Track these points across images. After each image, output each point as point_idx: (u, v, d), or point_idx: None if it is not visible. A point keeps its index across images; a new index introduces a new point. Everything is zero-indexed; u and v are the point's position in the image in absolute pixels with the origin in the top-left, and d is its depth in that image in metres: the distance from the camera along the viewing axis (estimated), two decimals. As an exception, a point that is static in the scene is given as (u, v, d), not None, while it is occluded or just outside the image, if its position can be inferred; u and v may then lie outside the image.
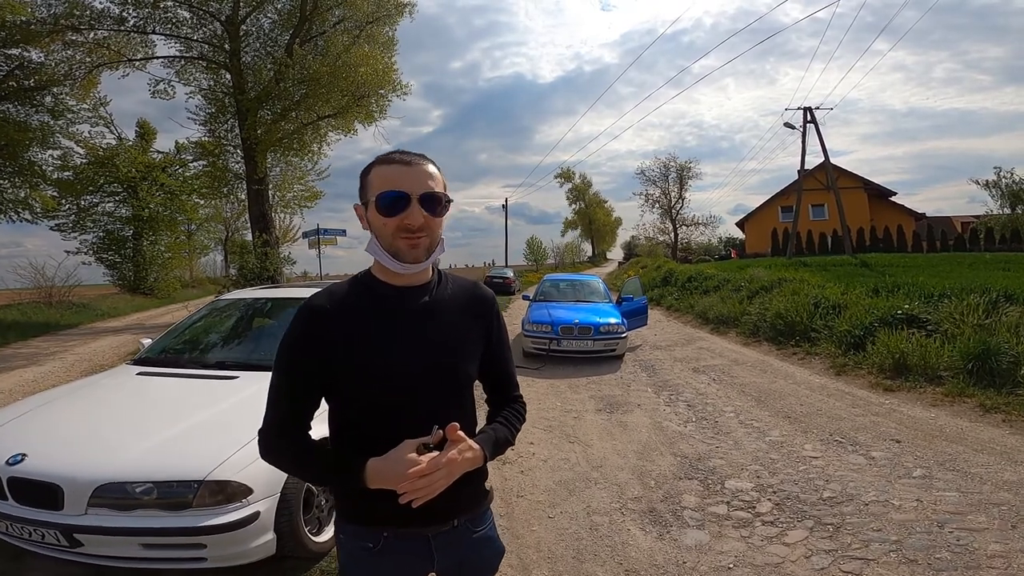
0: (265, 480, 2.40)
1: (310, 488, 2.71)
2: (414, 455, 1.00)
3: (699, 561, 2.74)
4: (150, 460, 2.34)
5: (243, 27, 15.05)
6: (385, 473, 1.00)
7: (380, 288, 1.13)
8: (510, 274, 26.43)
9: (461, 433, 1.05)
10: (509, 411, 1.27)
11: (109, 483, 2.24)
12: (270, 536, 2.42)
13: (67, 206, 18.23)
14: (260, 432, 1.12)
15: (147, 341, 4.13)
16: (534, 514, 3.30)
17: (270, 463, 1.14)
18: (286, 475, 2.48)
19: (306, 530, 2.64)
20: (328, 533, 2.84)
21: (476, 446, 1.09)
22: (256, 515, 2.34)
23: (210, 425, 2.61)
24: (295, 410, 1.11)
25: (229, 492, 2.29)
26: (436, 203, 1.07)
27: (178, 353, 3.78)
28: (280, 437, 1.11)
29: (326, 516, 2.88)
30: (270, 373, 1.13)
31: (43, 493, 2.27)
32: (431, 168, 1.10)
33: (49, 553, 2.37)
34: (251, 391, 2.91)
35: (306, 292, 4.55)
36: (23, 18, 12.73)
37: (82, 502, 2.23)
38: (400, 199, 1.05)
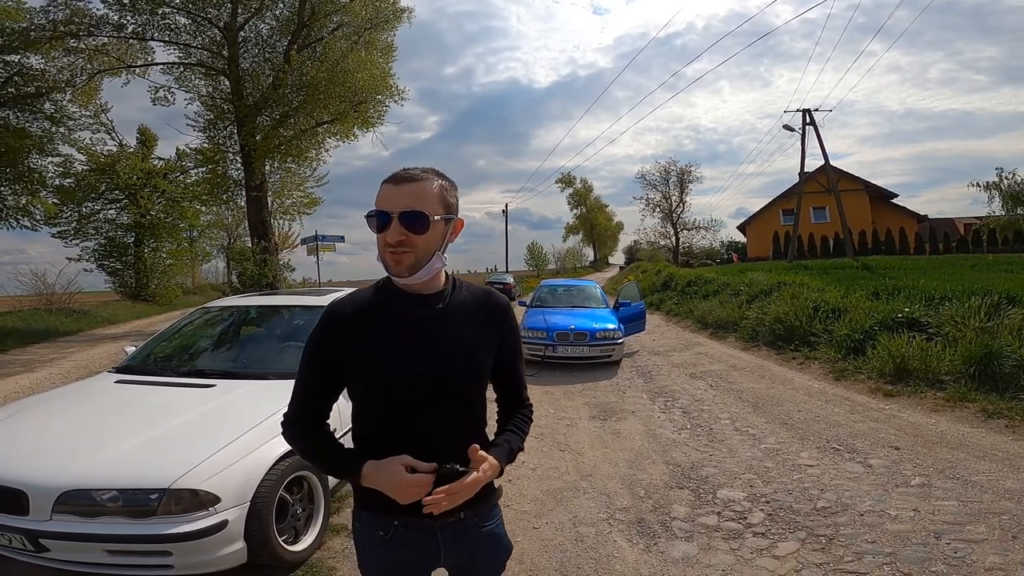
0: (234, 489, 2.36)
1: (284, 497, 2.65)
2: (407, 474, 1.08)
3: (685, 575, 2.65)
4: (116, 467, 2.32)
5: (241, 33, 15.09)
6: (377, 478, 1.10)
7: (395, 294, 1.18)
8: (510, 280, 26.40)
9: (483, 453, 1.13)
10: (519, 418, 1.34)
11: (74, 490, 2.23)
12: (240, 545, 2.37)
13: (68, 213, 18.25)
14: (282, 419, 1.22)
15: (131, 348, 4.08)
16: (519, 524, 3.22)
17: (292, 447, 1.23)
18: (257, 484, 2.45)
19: (280, 539, 2.57)
20: (305, 543, 2.77)
21: (495, 462, 1.16)
22: (224, 524, 2.28)
23: (181, 433, 2.57)
24: (308, 404, 1.19)
25: (196, 500, 2.25)
26: (416, 221, 1.09)
27: (159, 361, 3.74)
28: (293, 427, 1.20)
29: (302, 525, 2.82)
30: (247, 382, 1.20)
31: (9, 498, 2.27)
32: (422, 186, 1.11)
33: (16, 557, 2.38)
34: (226, 399, 2.86)
35: (298, 300, 4.49)
36: (22, 24, 12.79)
37: (47, 508, 2.23)
38: (382, 217, 1.10)
